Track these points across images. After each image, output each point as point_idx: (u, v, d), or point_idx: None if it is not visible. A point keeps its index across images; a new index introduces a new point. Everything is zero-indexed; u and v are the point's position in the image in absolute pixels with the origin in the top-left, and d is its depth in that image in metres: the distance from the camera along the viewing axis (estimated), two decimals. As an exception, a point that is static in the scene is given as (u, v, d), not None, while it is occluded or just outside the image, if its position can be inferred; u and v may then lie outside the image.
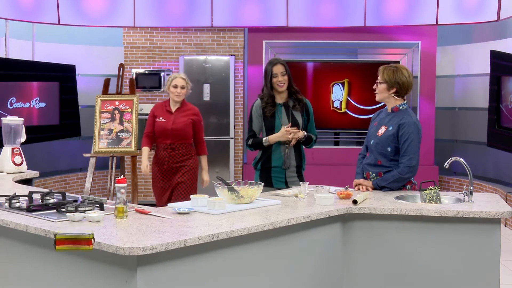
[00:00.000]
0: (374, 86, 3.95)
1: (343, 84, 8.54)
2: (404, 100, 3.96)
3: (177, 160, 5.15)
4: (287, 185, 4.29)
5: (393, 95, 3.89)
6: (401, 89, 3.88)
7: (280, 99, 4.40)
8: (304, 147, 4.48)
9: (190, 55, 8.37)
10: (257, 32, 8.37)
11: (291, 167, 4.35)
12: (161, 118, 5.16)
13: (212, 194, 3.40)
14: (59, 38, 8.44)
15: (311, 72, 8.60)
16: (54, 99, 7.75)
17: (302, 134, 4.33)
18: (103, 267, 2.59)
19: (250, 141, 4.42)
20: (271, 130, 4.35)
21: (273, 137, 4.31)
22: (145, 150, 5.21)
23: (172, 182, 5.16)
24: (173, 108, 5.20)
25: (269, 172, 4.35)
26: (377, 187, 3.86)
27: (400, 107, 3.92)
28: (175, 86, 5.13)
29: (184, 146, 5.18)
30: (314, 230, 3.23)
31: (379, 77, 3.92)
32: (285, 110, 4.38)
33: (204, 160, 5.36)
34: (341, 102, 8.55)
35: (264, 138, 4.34)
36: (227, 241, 2.75)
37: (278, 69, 4.32)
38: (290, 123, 4.32)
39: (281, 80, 4.32)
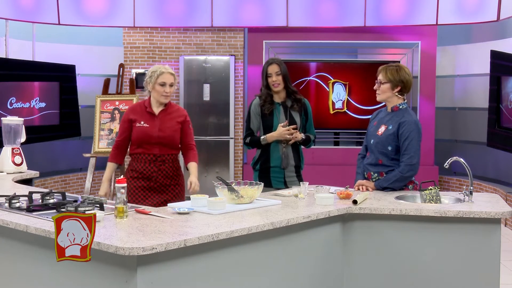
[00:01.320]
0: (376, 87, 3.94)
1: (345, 85, 8.54)
2: (404, 99, 3.96)
3: (168, 175, 4.13)
4: (286, 185, 4.29)
5: (396, 94, 3.90)
6: (405, 87, 3.89)
7: (278, 98, 4.40)
8: (302, 147, 4.48)
9: (190, 55, 8.37)
10: (257, 32, 8.38)
11: (290, 166, 4.34)
12: (142, 122, 4.12)
13: (212, 194, 3.40)
14: (59, 38, 8.44)
15: (311, 72, 8.60)
16: (54, 99, 7.75)
17: (300, 136, 4.33)
18: (103, 267, 2.59)
19: (247, 140, 4.43)
20: (269, 129, 4.35)
21: (271, 136, 4.31)
22: (110, 167, 4.17)
23: (158, 200, 4.11)
24: (156, 110, 4.16)
25: (268, 172, 4.35)
26: (380, 188, 3.86)
27: (400, 106, 3.92)
28: (163, 84, 4.13)
29: (174, 158, 4.19)
30: (314, 230, 3.23)
31: (380, 77, 3.91)
32: (283, 109, 4.38)
33: (193, 167, 4.19)
34: (343, 102, 8.55)
35: (262, 137, 4.34)
36: (227, 241, 2.75)
37: (273, 68, 4.32)
38: (287, 121, 4.32)
39: (275, 79, 4.32)
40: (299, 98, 4.41)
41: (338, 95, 8.58)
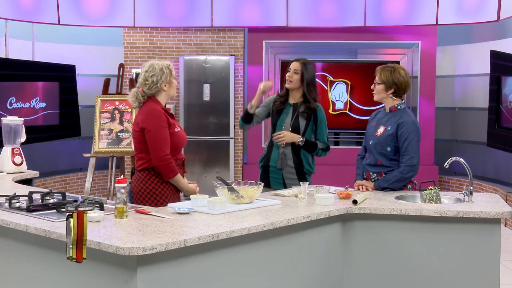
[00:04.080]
0: (372, 87, 3.96)
1: (347, 85, 8.52)
2: (402, 99, 3.96)
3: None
4: (285, 187, 4.24)
5: (391, 95, 3.90)
6: (399, 89, 3.89)
7: (292, 99, 4.35)
8: (310, 154, 4.39)
9: (190, 55, 8.37)
10: (257, 32, 8.37)
11: (288, 168, 4.28)
12: (177, 128, 3.77)
13: (212, 194, 3.40)
14: (59, 38, 8.44)
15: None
16: (54, 99, 7.75)
17: (286, 140, 4.27)
18: (103, 267, 2.59)
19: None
20: (275, 126, 4.35)
21: (254, 100, 4.35)
22: (181, 178, 3.75)
23: None
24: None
25: (267, 171, 4.34)
26: (379, 188, 3.85)
27: (398, 107, 3.92)
28: (175, 78, 3.90)
29: None
30: (314, 230, 3.23)
31: (376, 78, 3.92)
32: (292, 111, 4.33)
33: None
34: (345, 103, 8.53)
35: (249, 105, 4.37)
36: (227, 241, 2.75)
37: (294, 65, 4.30)
38: (271, 82, 4.46)
39: (289, 75, 4.28)
40: (313, 108, 4.27)
41: (339, 96, 8.57)
